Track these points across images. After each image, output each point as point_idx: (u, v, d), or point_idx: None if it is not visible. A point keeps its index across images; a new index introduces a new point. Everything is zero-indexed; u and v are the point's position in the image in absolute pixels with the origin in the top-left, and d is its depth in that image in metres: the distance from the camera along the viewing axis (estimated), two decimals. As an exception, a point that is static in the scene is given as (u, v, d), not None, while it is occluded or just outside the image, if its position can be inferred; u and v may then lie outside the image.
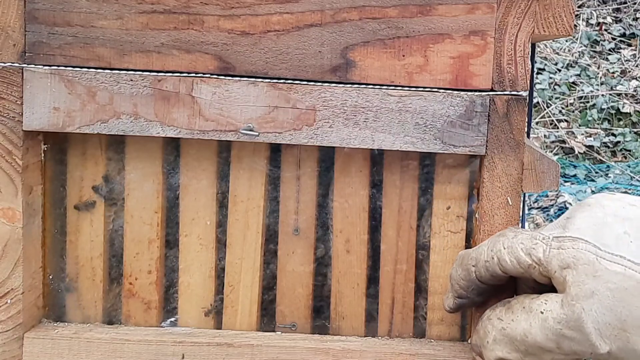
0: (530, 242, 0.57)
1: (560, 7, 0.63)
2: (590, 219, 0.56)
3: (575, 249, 0.55)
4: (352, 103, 0.63)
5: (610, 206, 0.57)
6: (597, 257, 0.54)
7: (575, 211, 0.58)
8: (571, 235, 0.56)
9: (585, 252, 0.54)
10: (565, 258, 0.55)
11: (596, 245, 0.54)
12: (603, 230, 0.55)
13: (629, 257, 0.53)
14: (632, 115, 3.49)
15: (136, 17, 0.63)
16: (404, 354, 0.66)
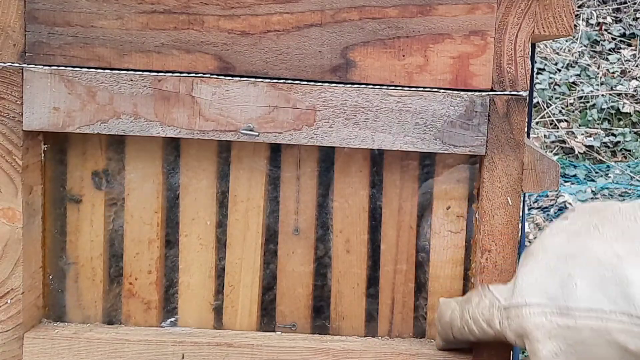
0: (488, 313, 0.56)
1: (560, 7, 0.63)
2: (532, 273, 0.53)
3: (521, 318, 0.52)
4: (352, 103, 0.63)
5: (552, 246, 0.54)
6: (546, 318, 0.51)
7: (520, 266, 0.56)
8: (515, 302, 0.53)
9: (532, 318, 0.52)
10: (516, 329, 0.53)
11: (541, 304, 0.51)
12: (547, 282, 0.52)
13: (575, 306, 0.49)
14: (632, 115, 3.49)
15: (136, 17, 0.63)
16: (404, 354, 0.66)
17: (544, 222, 2.64)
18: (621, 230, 0.50)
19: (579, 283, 0.49)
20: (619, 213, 0.52)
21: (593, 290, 0.49)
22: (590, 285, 0.49)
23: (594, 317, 0.48)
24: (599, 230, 0.51)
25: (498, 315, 0.55)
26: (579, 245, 0.52)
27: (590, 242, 0.51)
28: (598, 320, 0.48)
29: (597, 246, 0.50)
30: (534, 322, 0.51)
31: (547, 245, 0.54)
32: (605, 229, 0.51)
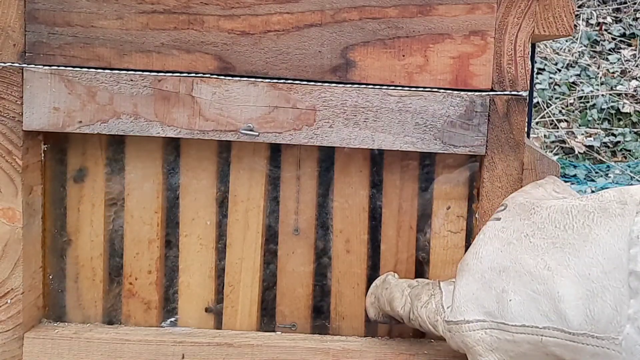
0: (434, 319, 0.56)
1: (560, 7, 0.63)
2: (469, 287, 0.53)
3: (461, 333, 0.53)
4: (352, 103, 0.63)
5: (486, 256, 0.53)
6: (485, 332, 0.51)
7: (457, 278, 0.55)
8: (454, 318, 0.54)
9: (472, 334, 0.52)
10: (457, 343, 0.54)
11: (479, 320, 0.52)
12: (483, 297, 0.52)
13: (511, 322, 0.50)
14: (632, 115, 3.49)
15: (136, 17, 0.63)
16: (404, 354, 0.66)
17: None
18: (551, 240, 0.50)
19: (513, 298, 0.49)
20: (548, 220, 0.51)
21: (526, 306, 0.49)
22: (524, 301, 0.49)
23: (529, 332, 0.48)
24: (530, 239, 0.51)
25: (442, 324, 0.55)
26: (511, 257, 0.51)
27: (522, 253, 0.51)
28: (534, 335, 0.48)
29: (529, 258, 0.50)
30: (474, 338, 0.52)
31: (481, 254, 0.54)
32: (536, 238, 0.51)
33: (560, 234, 0.49)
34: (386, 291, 0.62)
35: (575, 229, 0.48)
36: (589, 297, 0.45)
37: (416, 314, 0.58)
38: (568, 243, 0.48)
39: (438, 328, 0.56)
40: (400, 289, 0.61)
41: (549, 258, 0.48)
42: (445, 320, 0.55)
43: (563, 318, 0.46)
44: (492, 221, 0.56)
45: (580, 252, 0.46)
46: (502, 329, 0.50)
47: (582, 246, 0.47)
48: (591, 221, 0.47)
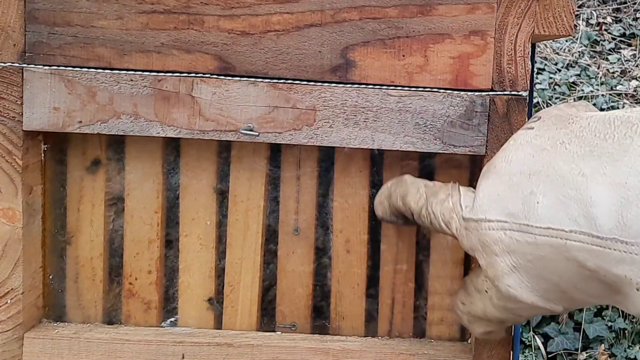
0: (449, 216, 0.55)
1: (560, 7, 0.63)
2: (495, 188, 0.52)
3: (479, 231, 0.51)
4: (352, 103, 0.63)
5: (516, 160, 0.52)
6: (504, 233, 0.50)
7: (482, 178, 0.54)
8: (475, 216, 0.52)
9: (491, 233, 0.50)
10: (472, 242, 0.52)
11: (501, 220, 0.50)
12: (509, 198, 0.50)
13: (536, 224, 0.48)
14: (632, 115, 3.49)
15: (136, 17, 0.63)
16: (404, 354, 0.65)
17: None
18: (589, 148, 0.48)
19: (542, 201, 0.48)
20: (587, 129, 0.49)
21: (555, 209, 0.47)
22: (553, 204, 0.47)
23: (554, 235, 0.47)
24: (565, 146, 0.49)
25: (457, 222, 0.54)
26: (543, 162, 0.49)
27: (555, 158, 0.49)
28: (558, 239, 0.47)
29: (563, 163, 0.48)
30: (492, 237, 0.50)
31: (510, 159, 0.52)
32: (572, 145, 0.49)
33: (599, 143, 0.48)
34: (400, 187, 0.61)
35: (616, 138, 0.47)
36: (623, 204, 0.44)
37: (429, 209, 0.57)
38: (607, 152, 0.47)
39: (452, 225, 0.54)
40: (416, 186, 0.60)
41: (584, 165, 0.47)
42: (463, 217, 0.53)
43: (593, 222, 0.45)
44: (524, 130, 0.54)
45: (618, 161, 0.45)
46: (524, 230, 0.49)
47: (621, 156, 0.45)
48: (634, 132, 0.46)
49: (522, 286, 0.50)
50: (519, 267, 0.50)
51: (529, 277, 0.50)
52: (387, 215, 0.63)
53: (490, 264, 0.51)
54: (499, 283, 0.51)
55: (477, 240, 0.52)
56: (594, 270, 0.45)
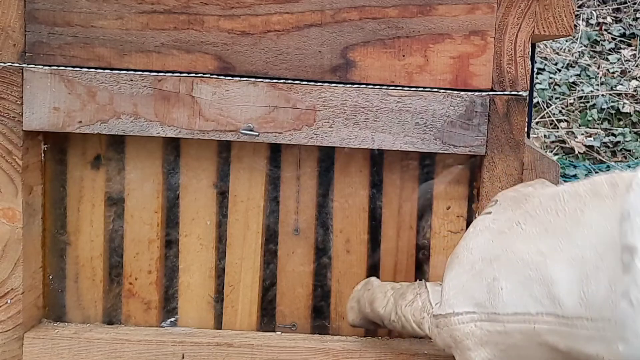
0: (420, 316, 0.54)
1: (560, 7, 0.63)
2: (459, 279, 0.52)
3: (450, 327, 0.51)
4: (352, 103, 0.63)
5: (477, 247, 0.52)
6: (475, 325, 0.49)
7: (446, 270, 0.54)
8: (444, 311, 0.52)
9: (462, 327, 0.50)
10: (445, 339, 0.52)
11: (469, 312, 0.50)
12: (474, 288, 0.50)
13: (503, 311, 0.48)
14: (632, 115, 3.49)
15: (136, 17, 0.63)
16: (404, 354, 0.65)
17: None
18: (543, 226, 0.48)
19: (505, 286, 0.48)
20: (540, 207, 0.49)
21: (519, 293, 0.47)
22: (516, 288, 0.47)
23: (521, 320, 0.47)
24: (521, 227, 0.49)
25: (428, 320, 0.53)
26: (502, 246, 0.50)
27: (514, 241, 0.49)
28: (526, 323, 0.46)
29: (521, 245, 0.48)
30: (463, 331, 0.50)
31: (471, 246, 0.52)
32: (528, 225, 0.49)
33: (552, 220, 0.48)
34: (368, 292, 0.61)
35: (567, 213, 0.47)
36: (583, 280, 0.43)
37: (399, 313, 0.56)
38: (560, 227, 0.47)
39: (424, 326, 0.54)
40: (383, 290, 0.60)
41: (541, 244, 0.47)
42: (433, 315, 0.53)
43: (557, 302, 0.44)
44: (482, 215, 0.55)
45: (572, 235, 0.45)
46: (493, 319, 0.48)
47: (574, 230, 0.45)
48: (583, 205, 0.46)
49: None
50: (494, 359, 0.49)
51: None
52: (357, 321, 0.62)
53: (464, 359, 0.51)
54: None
55: (449, 336, 0.51)
56: (566, 352, 0.45)
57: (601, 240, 0.43)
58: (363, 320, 0.62)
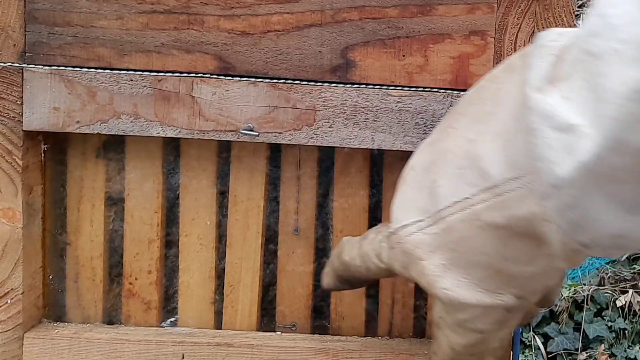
0: (378, 246, 0.52)
1: (560, 7, 0.63)
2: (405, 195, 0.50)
3: (401, 242, 0.49)
4: (352, 103, 0.63)
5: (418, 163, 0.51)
6: (423, 232, 0.48)
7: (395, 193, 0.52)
8: (393, 228, 0.50)
9: (411, 238, 0.48)
10: (399, 258, 0.50)
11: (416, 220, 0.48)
12: (418, 197, 0.49)
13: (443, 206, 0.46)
14: (632, 115, 3.49)
15: (136, 17, 0.63)
16: (404, 354, 0.65)
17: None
18: (470, 117, 0.47)
19: (442, 183, 0.47)
20: (466, 102, 0.49)
21: (455, 182, 0.46)
22: (452, 180, 0.46)
23: (460, 208, 0.45)
24: (453, 127, 0.49)
25: (385, 246, 0.52)
26: (437, 150, 0.49)
27: (447, 142, 0.49)
28: (465, 210, 0.45)
29: (452, 142, 0.48)
30: (413, 242, 0.48)
31: (413, 164, 0.52)
32: (459, 123, 0.49)
33: (477, 108, 0.48)
34: (338, 249, 0.60)
35: (489, 96, 0.47)
36: (505, 147, 0.43)
37: (362, 252, 0.55)
38: (484, 112, 0.46)
39: (383, 255, 0.52)
40: (350, 242, 0.59)
41: (470, 133, 0.46)
42: (386, 236, 0.51)
43: (486, 176, 0.43)
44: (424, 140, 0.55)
45: (495, 114, 0.45)
46: (437, 219, 0.47)
47: (496, 109, 0.45)
48: (501, 83, 0.46)
49: (459, 284, 0.47)
50: (447, 264, 0.47)
51: (459, 270, 0.47)
52: (331, 283, 0.61)
53: (420, 273, 0.49)
54: (436, 290, 0.48)
55: (401, 253, 0.50)
56: (506, 226, 0.43)
57: (517, 107, 0.43)
58: (336, 281, 0.60)
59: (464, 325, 0.49)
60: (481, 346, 0.50)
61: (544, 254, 0.44)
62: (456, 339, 0.50)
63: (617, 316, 2.12)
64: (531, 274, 0.46)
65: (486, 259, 0.46)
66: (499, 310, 0.47)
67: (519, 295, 0.47)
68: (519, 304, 0.48)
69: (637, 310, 2.15)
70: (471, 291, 0.47)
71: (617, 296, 2.17)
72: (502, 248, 0.45)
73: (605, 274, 2.22)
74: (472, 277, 0.47)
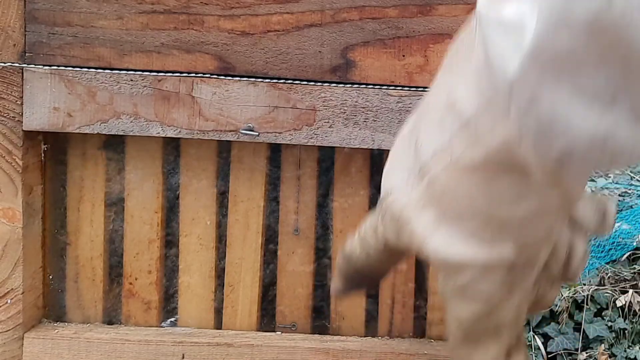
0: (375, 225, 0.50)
1: (560, 7, 0.63)
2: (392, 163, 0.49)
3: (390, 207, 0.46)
4: (352, 103, 0.63)
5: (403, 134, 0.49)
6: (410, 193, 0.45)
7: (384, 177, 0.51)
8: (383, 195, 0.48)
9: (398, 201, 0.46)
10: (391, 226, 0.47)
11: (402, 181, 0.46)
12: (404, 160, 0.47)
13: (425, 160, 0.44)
14: (632, 115, 3.49)
15: (136, 17, 0.63)
16: (404, 354, 0.65)
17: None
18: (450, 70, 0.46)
19: (424, 137, 0.45)
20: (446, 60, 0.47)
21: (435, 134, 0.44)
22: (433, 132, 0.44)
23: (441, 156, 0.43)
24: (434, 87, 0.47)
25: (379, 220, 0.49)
26: (420, 111, 0.47)
27: (427, 100, 0.47)
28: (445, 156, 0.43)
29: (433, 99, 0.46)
30: (400, 204, 0.45)
31: (399, 136, 0.50)
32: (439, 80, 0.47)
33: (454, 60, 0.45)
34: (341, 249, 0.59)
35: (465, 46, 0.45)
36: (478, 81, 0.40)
37: (361, 236, 0.52)
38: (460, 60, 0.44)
39: (379, 230, 0.49)
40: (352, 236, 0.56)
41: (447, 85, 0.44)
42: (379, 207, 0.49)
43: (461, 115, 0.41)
44: None
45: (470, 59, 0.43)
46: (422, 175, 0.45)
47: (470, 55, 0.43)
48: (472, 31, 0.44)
49: (451, 241, 0.43)
50: (436, 221, 0.44)
51: (450, 226, 0.44)
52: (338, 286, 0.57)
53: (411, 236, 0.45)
54: (428, 251, 0.44)
55: (391, 219, 0.46)
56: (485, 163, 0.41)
57: None
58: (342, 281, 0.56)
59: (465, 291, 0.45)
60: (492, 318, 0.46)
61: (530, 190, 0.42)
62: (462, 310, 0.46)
63: (617, 316, 2.12)
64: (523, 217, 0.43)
65: (473, 206, 0.43)
66: (499, 269, 0.44)
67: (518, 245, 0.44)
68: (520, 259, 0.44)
69: (637, 310, 2.15)
70: (464, 247, 0.44)
71: (617, 296, 2.17)
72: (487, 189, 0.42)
73: (605, 274, 2.22)
74: (464, 231, 0.43)
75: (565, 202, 0.43)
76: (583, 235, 0.49)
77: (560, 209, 0.44)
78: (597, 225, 0.46)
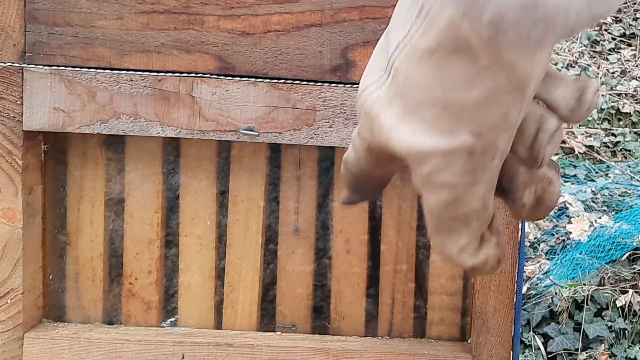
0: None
1: (560, 7, 0.63)
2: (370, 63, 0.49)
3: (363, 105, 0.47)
4: (352, 103, 0.63)
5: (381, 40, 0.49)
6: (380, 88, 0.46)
7: None
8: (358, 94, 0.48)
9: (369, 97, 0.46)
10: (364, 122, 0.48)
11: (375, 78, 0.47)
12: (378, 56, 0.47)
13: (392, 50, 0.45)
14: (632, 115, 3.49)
15: (136, 17, 0.63)
16: (404, 354, 0.65)
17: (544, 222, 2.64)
18: None
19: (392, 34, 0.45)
20: None
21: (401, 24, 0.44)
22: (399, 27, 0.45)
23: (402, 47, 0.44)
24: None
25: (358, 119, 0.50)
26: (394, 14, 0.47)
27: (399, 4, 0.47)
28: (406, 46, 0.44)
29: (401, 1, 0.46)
30: (371, 100, 0.46)
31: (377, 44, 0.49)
32: None
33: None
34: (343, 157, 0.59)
35: None
36: None
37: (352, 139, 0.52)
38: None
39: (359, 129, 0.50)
40: None
41: None
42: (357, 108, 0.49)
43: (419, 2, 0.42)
44: None
45: None
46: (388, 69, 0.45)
47: None
48: None
49: (413, 132, 0.45)
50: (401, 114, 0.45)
51: (413, 117, 0.44)
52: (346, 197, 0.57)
53: (379, 131, 0.46)
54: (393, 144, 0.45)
55: (365, 117, 0.47)
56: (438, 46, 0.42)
57: None
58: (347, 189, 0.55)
59: (430, 180, 0.46)
60: (459, 206, 0.47)
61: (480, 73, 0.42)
62: (431, 199, 0.47)
63: (617, 316, 2.12)
64: (476, 101, 0.44)
65: (431, 95, 0.44)
66: (460, 155, 0.45)
67: (475, 132, 0.44)
68: (479, 144, 0.45)
69: (637, 310, 2.15)
70: (425, 137, 0.45)
71: (617, 296, 2.17)
72: (440, 74, 0.43)
73: (605, 274, 2.22)
74: (424, 121, 0.44)
75: (516, 83, 0.43)
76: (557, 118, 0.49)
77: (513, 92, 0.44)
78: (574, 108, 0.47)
